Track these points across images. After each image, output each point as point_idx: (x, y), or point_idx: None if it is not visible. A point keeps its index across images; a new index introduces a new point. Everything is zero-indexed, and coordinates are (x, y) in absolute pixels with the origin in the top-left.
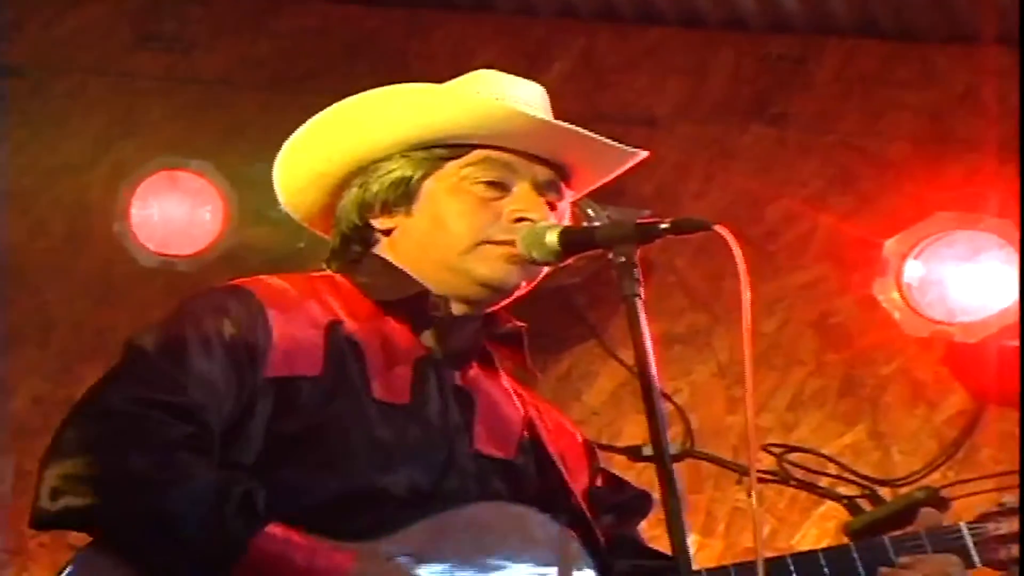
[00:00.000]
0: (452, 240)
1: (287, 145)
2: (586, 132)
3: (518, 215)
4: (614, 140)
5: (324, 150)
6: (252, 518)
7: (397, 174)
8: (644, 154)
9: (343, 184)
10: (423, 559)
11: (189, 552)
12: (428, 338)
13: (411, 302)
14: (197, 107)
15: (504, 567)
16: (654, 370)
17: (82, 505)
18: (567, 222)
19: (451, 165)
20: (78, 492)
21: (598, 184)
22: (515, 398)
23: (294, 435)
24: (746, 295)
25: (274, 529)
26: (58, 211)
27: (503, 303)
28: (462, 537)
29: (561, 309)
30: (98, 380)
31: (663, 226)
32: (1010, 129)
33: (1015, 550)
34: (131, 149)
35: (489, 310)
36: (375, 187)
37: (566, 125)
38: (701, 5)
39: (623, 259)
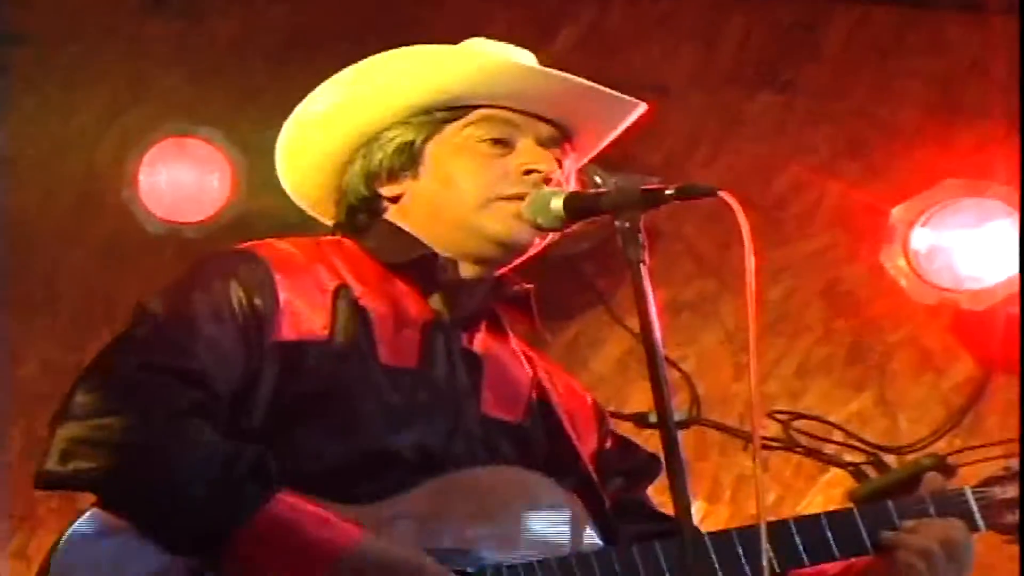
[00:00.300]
0: (463, 198)
1: (288, 126)
2: (581, 80)
3: (527, 167)
4: None
5: (325, 128)
6: (264, 483)
7: (399, 140)
8: (644, 106)
9: (347, 161)
10: (426, 523)
11: (195, 517)
12: (436, 301)
13: (419, 264)
14: (207, 74)
15: (507, 532)
16: (658, 336)
17: (90, 468)
18: (574, 187)
19: (452, 127)
20: (87, 455)
21: (602, 144)
22: (524, 361)
23: (301, 399)
24: (750, 262)
25: (285, 496)
26: (66, 179)
27: (515, 262)
28: (466, 501)
29: (569, 276)
30: (108, 344)
31: (668, 192)
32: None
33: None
34: (140, 117)
35: (498, 272)
36: (379, 155)
37: (561, 73)
38: None
39: (628, 225)
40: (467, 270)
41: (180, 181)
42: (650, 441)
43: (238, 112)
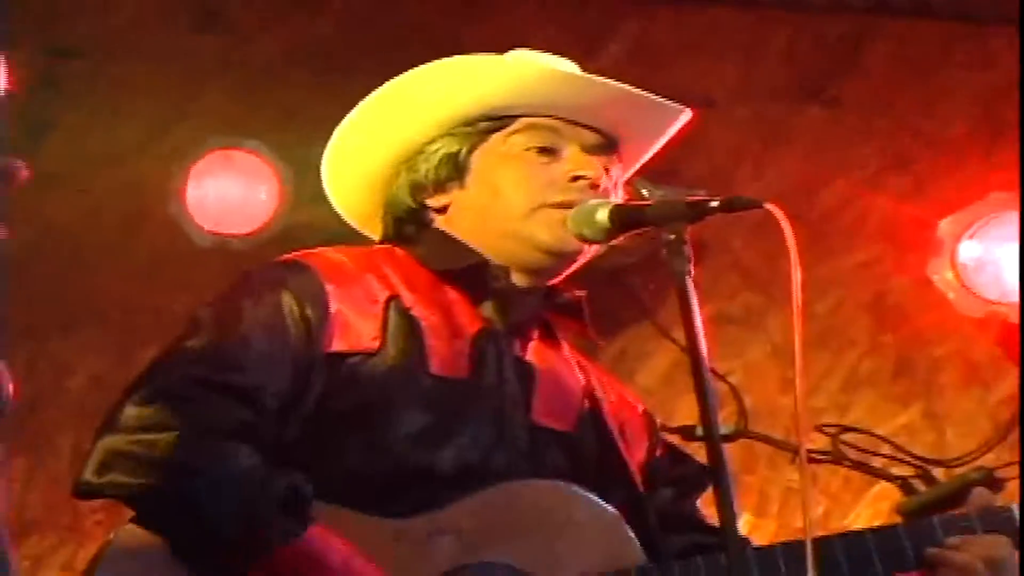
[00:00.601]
0: (509, 207)
1: (332, 146)
2: (624, 86)
3: (574, 174)
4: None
5: (369, 143)
6: (294, 517)
7: (444, 151)
8: (688, 112)
9: (393, 175)
10: (465, 539)
11: (223, 543)
12: (488, 309)
13: (470, 272)
14: (253, 88)
15: (547, 549)
16: (703, 348)
17: (127, 483)
18: (621, 197)
19: (497, 136)
20: (125, 469)
21: (648, 154)
22: (576, 369)
23: (346, 411)
24: (796, 274)
25: (314, 530)
26: (114, 193)
27: (565, 272)
28: (506, 518)
29: (615, 290)
30: (159, 355)
31: (714, 204)
32: None
33: None
34: (186, 132)
35: (550, 282)
36: (424, 167)
37: (603, 79)
38: None
39: (673, 237)
40: (518, 279)
41: (227, 194)
42: (697, 454)
43: (284, 125)
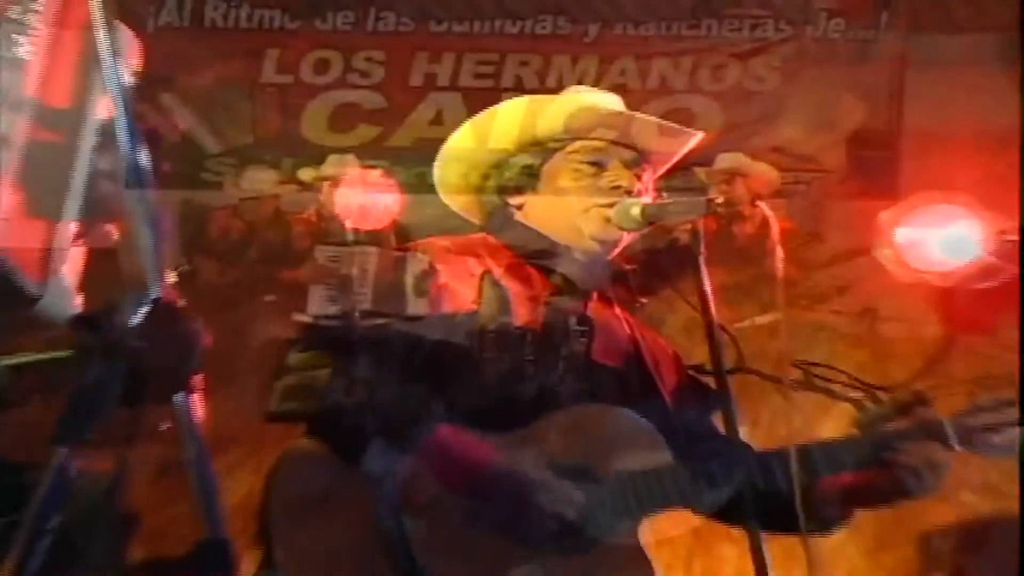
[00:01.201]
0: (569, 207)
1: (441, 157)
2: (650, 117)
3: (614, 183)
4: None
5: (467, 155)
6: (426, 419)
7: (522, 164)
8: (700, 135)
9: (484, 176)
10: (546, 448)
11: (375, 443)
12: (557, 279)
13: (542, 253)
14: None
15: (604, 455)
16: (712, 308)
17: (300, 408)
18: (652, 194)
19: (560, 153)
20: (299, 399)
21: (672, 161)
22: (624, 322)
23: (454, 356)
24: (779, 252)
25: (443, 428)
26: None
27: (616, 252)
28: (575, 433)
29: (648, 266)
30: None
31: (719, 202)
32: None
33: (994, 438)
34: (336, 157)
35: (606, 258)
36: (507, 175)
37: (633, 113)
38: None
39: (690, 227)
40: (579, 256)
41: (364, 201)
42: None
43: (406, 150)
